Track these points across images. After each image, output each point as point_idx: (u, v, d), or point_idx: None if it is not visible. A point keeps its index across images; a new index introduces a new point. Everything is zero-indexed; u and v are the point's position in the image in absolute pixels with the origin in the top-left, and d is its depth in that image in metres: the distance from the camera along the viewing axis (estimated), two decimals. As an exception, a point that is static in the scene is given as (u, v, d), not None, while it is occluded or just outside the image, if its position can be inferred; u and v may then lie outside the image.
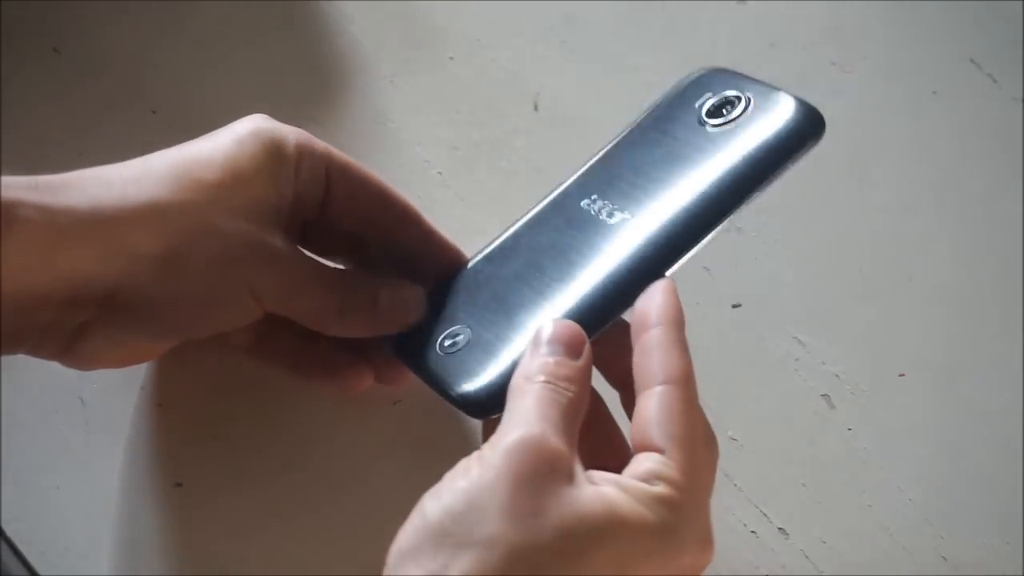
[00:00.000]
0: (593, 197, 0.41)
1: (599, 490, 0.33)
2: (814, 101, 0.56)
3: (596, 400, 0.40)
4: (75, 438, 0.47)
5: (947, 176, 0.55)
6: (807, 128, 0.40)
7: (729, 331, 0.51)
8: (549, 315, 0.39)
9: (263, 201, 0.39)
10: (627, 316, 0.39)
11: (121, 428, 0.48)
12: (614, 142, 0.43)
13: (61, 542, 0.45)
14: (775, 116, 0.40)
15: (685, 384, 0.36)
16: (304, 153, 0.41)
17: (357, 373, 0.44)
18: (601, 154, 0.43)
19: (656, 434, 0.35)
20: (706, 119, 0.41)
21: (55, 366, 0.42)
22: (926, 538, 0.47)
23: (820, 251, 0.53)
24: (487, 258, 0.43)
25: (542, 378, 0.36)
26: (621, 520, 0.32)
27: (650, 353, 0.36)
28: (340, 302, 0.41)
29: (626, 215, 0.40)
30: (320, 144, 0.42)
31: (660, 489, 0.34)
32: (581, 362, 0.37)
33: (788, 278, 0.52)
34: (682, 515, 0.34)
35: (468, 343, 0.40)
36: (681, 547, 0.34)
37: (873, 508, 0.47)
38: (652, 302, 0.37)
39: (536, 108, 0.56)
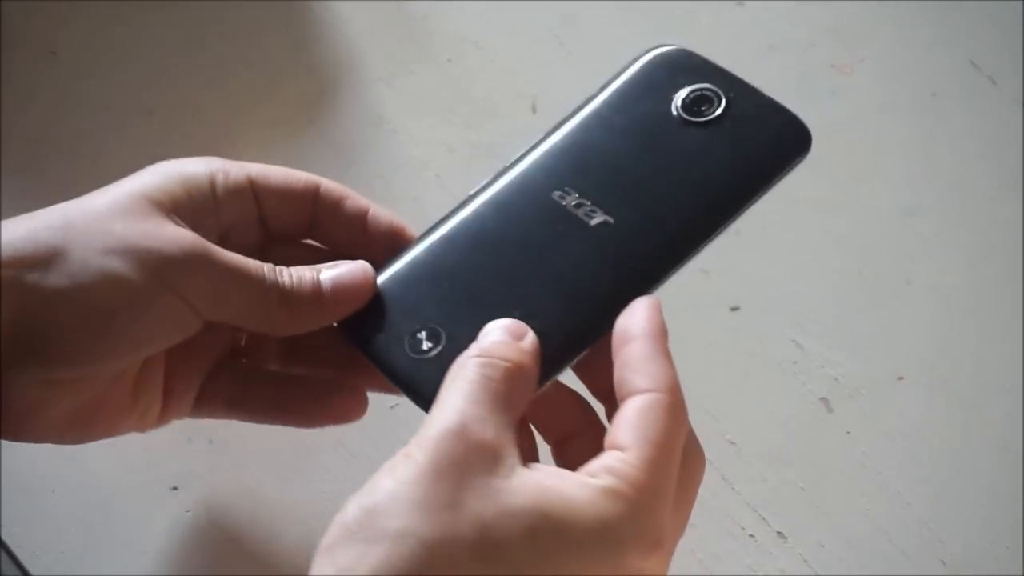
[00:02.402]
0: (566, 189, 0.39)
1: (527, 481, 0.31)
2: (814, 103, 0.56)
3: (587, 410, 0.39)
4: (70, 441, 0.47)
5: (947, 178, 0.55)
6: (797, 144, 0.39)
7: (728, 334, 0.51)
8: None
9: (166, 207, 0.37)
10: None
11: (117, 431, 0.47)
12: (575, 121, 0.41)
13: (56, 546, 0.45)
14: (763, 124, 0.39)
15: (669, 391, 0.34)
16: (216, 169, 0.39)
17: (348, 396, 0.41)
18: (562, 134, 0.41)
19: (626, 434, 0.33)
20: (683, 113, 0.40)
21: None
22: (925, 542, 0.46)
23: (819, 254, 0.53)
24: (447, 240, 0.40)
25: (474, 354, 0.34)
26: (546, 514, 0.31)
27: (632, 364, 0.35)
28: (280, 293, 0.38)
29: (607, 219, 0.38)
30: (234, 162, 0.40)
31: (602, 482, 0.32)
32: (524, 343, 0.35)
33: (787, 281, 0.52)
34: (629, 511, 0.32)
35: (444, 349, 0.37)
36: (622, 545, 0.32)
37: (872, 512, 0.47)
38: (634, 317, 0.36)
39: (534, 110, 0.56)
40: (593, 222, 0.38)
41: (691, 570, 0.46)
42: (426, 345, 0.38)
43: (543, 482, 0.32)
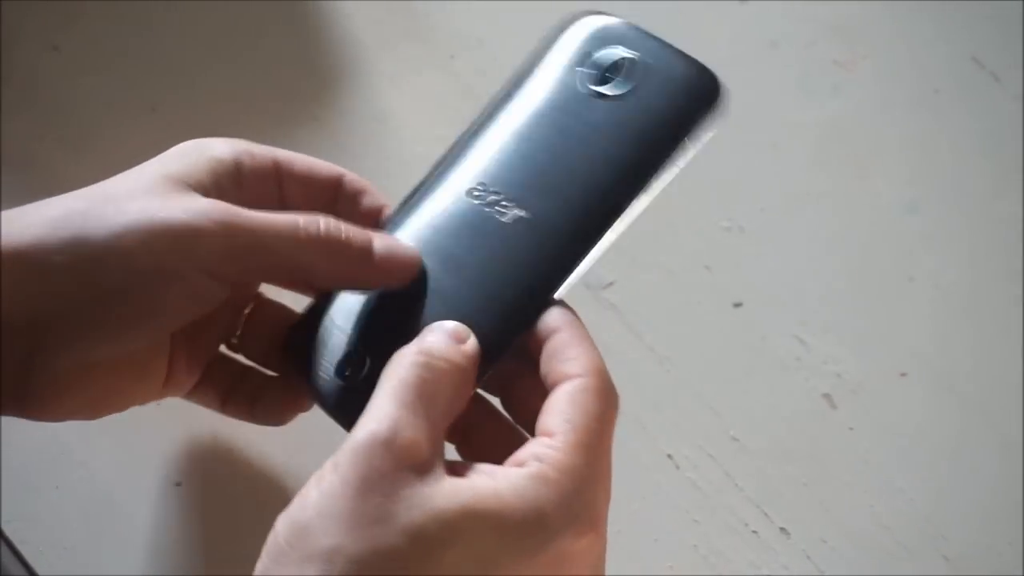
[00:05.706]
0: (481, 184, 0.38)
1: (457, 483, 0.31)
2: (816, 100, 0.56)
3: (480, 399, 0.38)
4: (74, 437, 0.47)
5: (949, 175, 0.55)
6: (706, 95, 0.37)
7: (730, 330, 0.51)
8: None
9: (190, 186, 0.37)
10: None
11: (120, 427, 0.47)
12: (492, 109, 0.40)
13: (60, 542, 0.45)
14: (669, 83, 0.37)
15: (595, 374, 0.34)
16: (241, 151, 0.39)
17: (292, 400, 0.42)
18: (480, 124, 0.40)
19: (554, 420, 0.33)
20: (592, 87, 0.38)
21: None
22: (927, 538, 0.47)
23: (821, 250, 0.53)
24: None
25: (414, 351, 0.34)
26: (478, 514, 0.30)
27: (557, 353, 0.35)
28: (328, 244, 0.37)
29: (521, 212, 0.37)
30: (260, 145, 0.40)
31: (529, 469, 0.32)
32: (466, 347, 0.35)
33: (790, 277, 0.52)
34: (557, 494, 0.31)
35: (365, 376, 0.36)
36: (553, 529, 0.31)
37: (875, 508, 0.47)
38: (552, 314, 0.36)
39: (537, 107, 0.56)
40: (506, 218, 0.38)
41: (694, 566, 0.46)
42: (349, 370, 0.37)
43: (473, 481, 0.31)
